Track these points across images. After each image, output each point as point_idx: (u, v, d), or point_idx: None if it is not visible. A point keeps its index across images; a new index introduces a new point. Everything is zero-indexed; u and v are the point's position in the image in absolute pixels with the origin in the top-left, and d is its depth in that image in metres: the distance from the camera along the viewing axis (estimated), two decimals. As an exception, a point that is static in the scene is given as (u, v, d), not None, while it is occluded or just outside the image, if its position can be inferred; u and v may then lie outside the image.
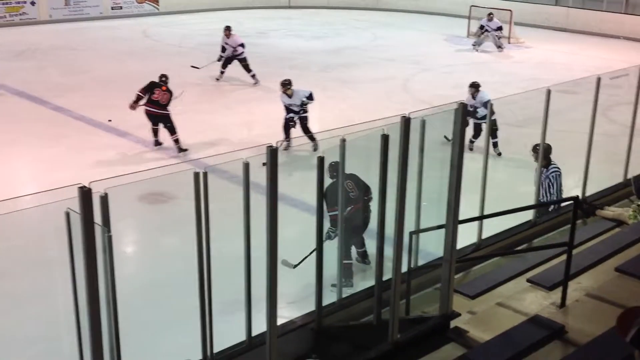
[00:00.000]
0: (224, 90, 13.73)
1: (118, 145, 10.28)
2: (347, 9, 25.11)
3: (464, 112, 4.28)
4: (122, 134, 10.67)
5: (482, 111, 9.84)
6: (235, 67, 14.43)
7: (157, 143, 10.23)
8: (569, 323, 4.32)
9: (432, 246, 5.00)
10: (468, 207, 4.49)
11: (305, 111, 10.36)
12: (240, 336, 4.17)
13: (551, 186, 6.87)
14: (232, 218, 4.28)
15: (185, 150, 9.96)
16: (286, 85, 10.31)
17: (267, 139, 9.56)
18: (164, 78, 10.46)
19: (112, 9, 22.16)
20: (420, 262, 5.18)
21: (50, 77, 14.21)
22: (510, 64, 17.22)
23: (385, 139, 4.21)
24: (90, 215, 2.96)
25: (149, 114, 10.11)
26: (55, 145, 10.12)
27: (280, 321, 3.89)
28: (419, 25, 22.81)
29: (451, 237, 4.31)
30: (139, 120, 11.22)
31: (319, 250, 4.35)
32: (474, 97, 10.30)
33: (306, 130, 10.28)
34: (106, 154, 9.82)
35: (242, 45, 14.27)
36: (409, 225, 4.53)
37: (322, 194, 4.39)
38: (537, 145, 6.81)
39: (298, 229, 6.38)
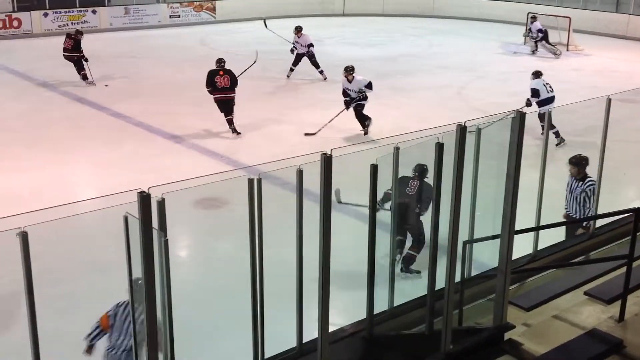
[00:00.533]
0: (278, 98, 13.84)
1: (174, 150, 10.48)
2: (402, 17, 25.03)
3: (521, 121, 4.21)
4: (179, 140, 10.86)
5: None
6: (294, 75, 14.50)
7: (236, 132, 10.72)
8: (627, 338, 4.20)
9: (485, 256, 4.93)
10: (521, 216, 4.40)
11: (362, 99, 11.21)
12: (291, 342, 4.18)
13: (587, 200, 6.56)
14: (285, 224, 4.31)
15: (239, 133, 10.45)
16: (349, 70, 11.29)
17: (319, 146, 9.60)
18: (220, 63, 11.02)
19: (170, 18, 22.63)
20: (474, 272, 5.11)
21: (111, 84, 14.58)
22: (569, 72, 16.85)
23: (440, 147, 4.17)
24: (149, 219, 3.02)
25: (219, 102, 10.53)
26: (113, 150, 10.37)
27: (330, 328, 3.90)
28: (474, 32, 22.56)
29: (506, 248, 4.24)
30: (195, 127, 11.44)
31: (371, 258, 4.34)
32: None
33: (359, 116, 11.21)
34: (162, 159, 10.01)
35: (311, 44, 15.20)
36: (462, 235, 4.48)
37: (375, 201, 4.37)
38: (573, 157, 6.63)
39: (350, 236, 6.37)
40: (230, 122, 10.80)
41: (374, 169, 4.28)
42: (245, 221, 3.95)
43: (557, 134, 10.33)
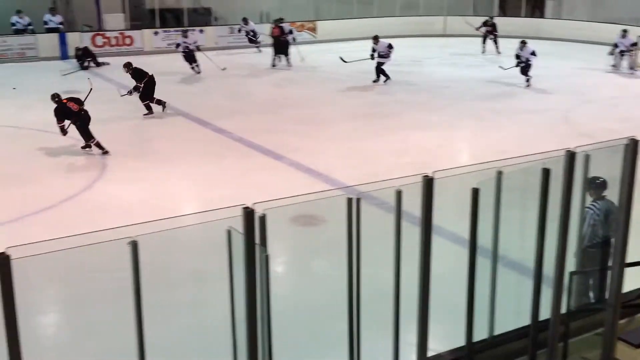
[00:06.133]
0: (375, 118, 13.84)
1: (273, 167, 10.66)
2: (505, 38, 24.52)
3: (634, 148, 4.01)
4: (278, 157, 11.05)
5: None
6: (386, 97, 14.50)
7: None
8: None
9: (592, 288, 4.71)
10: (632, 248, 4.18)
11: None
12: (387, 364, 4.14)
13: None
14: (381, 245, 4.28)
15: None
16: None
17: (417, 167, 9.50)
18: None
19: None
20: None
21: (214, 101, 15.07)
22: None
23: (546, 173, 4.04)
24: (252, 234, 3.08)
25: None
26: (215, 165, 10.68)
27: (427, 354, 3.83)
28: (581, 54, 21.81)
29: (617, 281, 4.03)
30: (294, 144, 11.61)
31: (470, 284, 4.23)
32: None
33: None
34: (261, 175, 10.21)
35: (390, 46, 16.69)
36: (569, 265, 4.30)
37: (476, 226, 4.27)
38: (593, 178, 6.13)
39: (448, 261, 6.25)
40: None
41: (475, 193, 4.19)
42: (341, 240, 3.95)
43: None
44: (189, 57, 18.02)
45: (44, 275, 5.80)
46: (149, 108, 13.72)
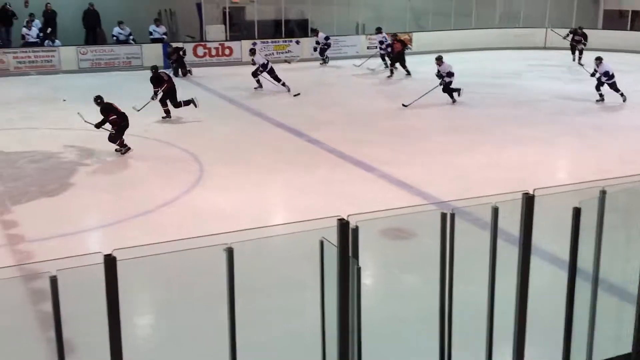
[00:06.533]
0: (469, 131, 13.61)
1: (364, 178, 10.66)
2: (609, 51, 23.59)
3: None
4: (369, 169, 11.05)
5: None
6: (481, 111, 14.23)
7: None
8: None
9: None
10: None
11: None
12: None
13: None
14: (474, 262, 4.20)
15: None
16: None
17: (512, 184, 9.27)
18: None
19: (368, 49, 23.24)
20: None
21: (308, 111, 15.26)
22: None
23: (654, 194, 3.84)
24: (346, 246, 3.09)
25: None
26: (307, 175, 10.78)
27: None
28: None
29: None
30: (385, 157, 11.58)
31: (569, 307, 4.07)
32: None
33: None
34: (352, 186, 10.22)
35: (450, 74, 15.91)
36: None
37: (576, 247, 4.11)
38: None
39: (545, 283, 6.05)
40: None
41: (577, 212, 4.04)
42: (432, 255, 3.90)
43: None
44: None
45: (141, 277, 6.03)
46: (167, 113, 14.34)
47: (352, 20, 24.33)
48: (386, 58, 20.37)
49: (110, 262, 2.77)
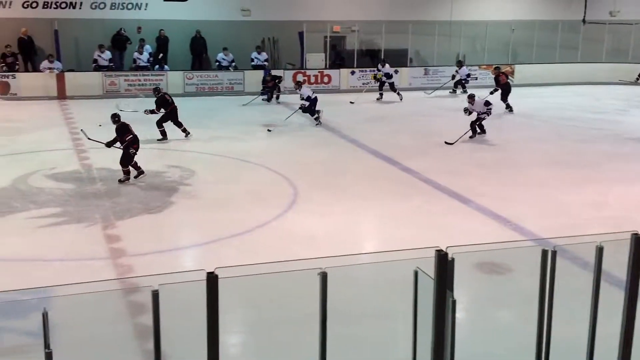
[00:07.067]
0: (572, 166, 13.14)
1: (459, 210, 10.48)
2: None
3: None
4: (464, 200, 10.86)
5: None
6: (585, 146, 13.69)
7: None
8: None
9: None
10: None
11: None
12: None
13: None
14: (573, 301, 4.03)
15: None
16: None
17: (618, 223, 8.87)
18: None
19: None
20: None
21: (402, 140, 15.19)
22: None
23: None
24: (444, 278, 3.04)
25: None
26: (400, 204, 10.71)
27: None
28: None
29: None
30: (481, 189, 11.35)
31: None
32: None
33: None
34: (446, 217, 10.07)
35: (487, 103, 15.19)
36: None
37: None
38: None
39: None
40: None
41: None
42: (529, 292, 3.77)
43: None
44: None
45: (236, 295, 6.15)
46: (164, 134, 14.63)
47: (452, 52, 24.16)
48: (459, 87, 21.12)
49: (212, 280, 2.84)
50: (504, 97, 18.74)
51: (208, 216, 10.02)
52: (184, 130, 14.91)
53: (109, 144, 11.77)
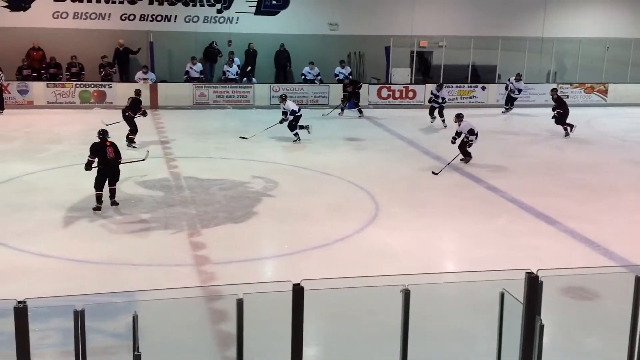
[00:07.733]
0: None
1: (545, 231, 10.16)
2: None
3: None
4: (551, 222, 10.52)
5: None
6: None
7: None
8: None
9: None
10: None
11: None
12: None
13: None
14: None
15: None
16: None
17: None
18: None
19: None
20: None
21: (489, 158, 14.86)
22: None
23: None
24: (534, 301, 2.96)
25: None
26: (483, 223, 10.50)
27: None
28: None
29: None
30: (569, 210, 10.98)
31: None
32: None
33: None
34: (532, 238, 9.79)
35: (472, 131, 14.15)
36: None
37: None
38: None
39: None
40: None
41: None
42: (618, 319, 3.62)
43: None
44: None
45: (318, 307, 6.19)
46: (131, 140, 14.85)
47: (543, 69, 23.55)
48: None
49: (298, 292, 2.88)
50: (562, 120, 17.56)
51: (289, 227, 10.13)
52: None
53: (87, 165, 10.58)
